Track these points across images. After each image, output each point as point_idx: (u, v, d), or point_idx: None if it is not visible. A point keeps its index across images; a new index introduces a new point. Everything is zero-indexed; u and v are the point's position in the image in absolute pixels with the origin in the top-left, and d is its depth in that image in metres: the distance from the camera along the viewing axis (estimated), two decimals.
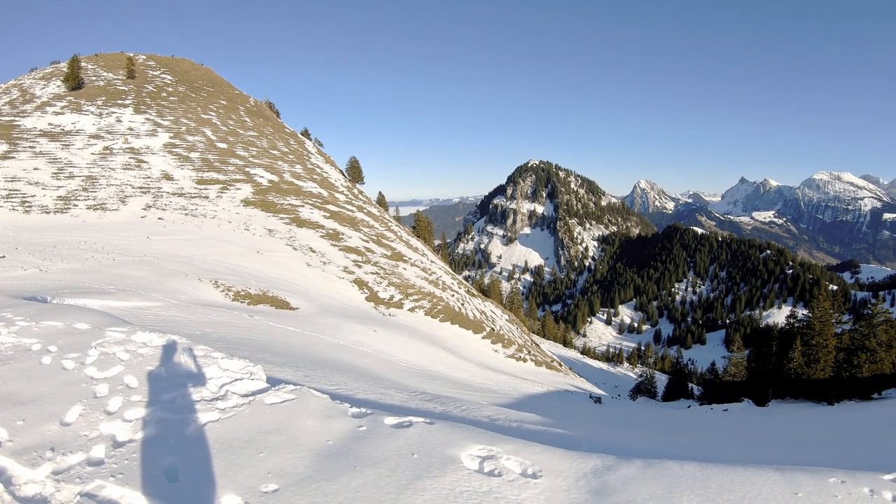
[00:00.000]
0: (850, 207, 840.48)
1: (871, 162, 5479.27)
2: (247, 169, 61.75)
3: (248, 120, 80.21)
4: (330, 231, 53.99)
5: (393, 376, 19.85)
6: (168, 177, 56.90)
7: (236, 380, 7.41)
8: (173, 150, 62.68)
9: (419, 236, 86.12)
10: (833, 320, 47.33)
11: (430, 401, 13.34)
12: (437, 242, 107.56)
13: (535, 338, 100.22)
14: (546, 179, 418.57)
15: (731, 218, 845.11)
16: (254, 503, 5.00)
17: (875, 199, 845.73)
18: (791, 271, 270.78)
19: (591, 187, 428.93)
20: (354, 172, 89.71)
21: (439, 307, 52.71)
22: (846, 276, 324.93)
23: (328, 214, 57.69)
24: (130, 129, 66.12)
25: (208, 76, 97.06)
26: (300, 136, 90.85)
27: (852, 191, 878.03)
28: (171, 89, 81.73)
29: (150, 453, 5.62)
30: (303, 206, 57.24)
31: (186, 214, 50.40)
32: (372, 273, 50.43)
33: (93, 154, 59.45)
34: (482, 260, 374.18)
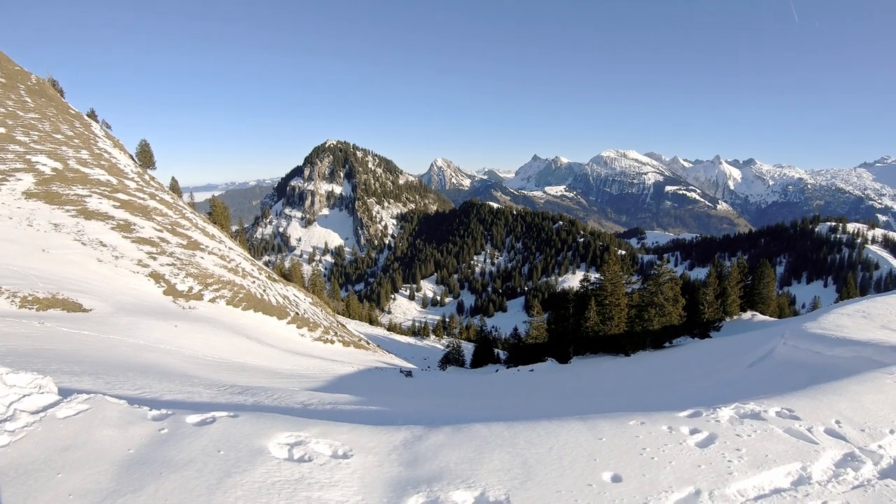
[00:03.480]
0: (635, 181, 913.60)
1: (655, 141, 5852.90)
2: (28, 156, 57.01)
3: (30, 100, 74.11)
4: (121, 222, 51.09)
5: (200, 372, 19.12)
6: None
7: (25, 396, 6.58)
8: None
9: (216, 223, 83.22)
10: (623, 281, 50.09)
11: (240, 393, 12.97)
12: (234, 228, 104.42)
13: (341, 318, 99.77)
14: (344, 160, 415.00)
15: (525, 193, 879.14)
16: None
17: (658, 173, 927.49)
18: (582, 239, 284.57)
19: (389, 166, 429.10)
20: (145, 157, 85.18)
21: (241, 295, 51.29)
22: (633, 241, 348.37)
23: (118, 204, 54.53)
24: None
25: None
26: (86, 117, 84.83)
27: (637, 166, 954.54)
28: None
29: None
30: (90, 195, 53.77)
31: None
32: (168, 265, 48.24)
33: None
34: (282, 244, 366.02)
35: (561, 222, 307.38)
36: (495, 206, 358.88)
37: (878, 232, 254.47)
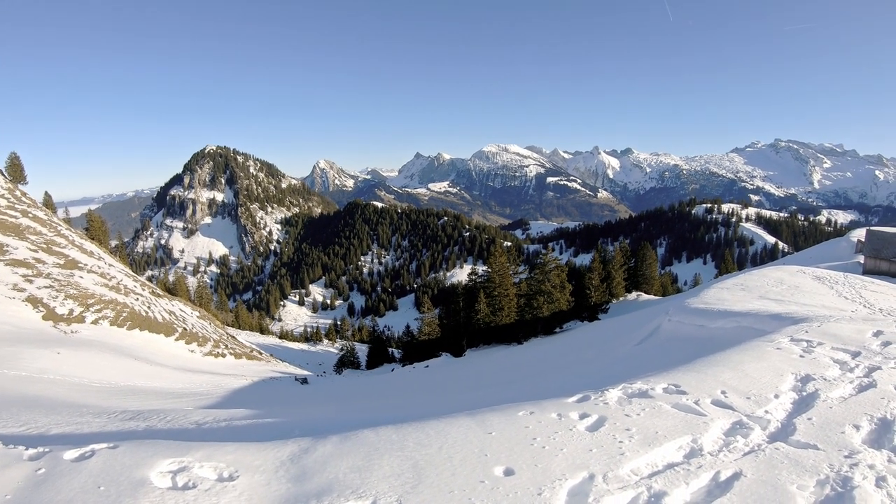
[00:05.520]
0: (517, 174, 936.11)
1: (535, 134, 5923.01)
2: None
3: None
4: None
5: (89, 400, 18.28)
6: None
7: None
8: None
9: (94, 238, 79.99)
10: (511, 272, 50.80)
11: (131, 419, 12.41)
12: (114, 243, 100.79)
13: (231, 330, 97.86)
14: (224, 165, 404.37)
15: (409, 190, 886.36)
16: None
17: (539, 165, 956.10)
18: (468, 234, 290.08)
19: (271, 170, 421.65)
20: (15, 171, 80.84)
21: (125, 314, 49.58)
22: (518, 233, 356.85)
23: None
24: None
25: None
26: None
27: (519, 160, 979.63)
28: None
29: None
30: None
31: None
32: (46, 287, 46.17)
33: None
34: (164, 256, 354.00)
35: (446, 218, 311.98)
36: (380, 205, 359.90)
37: (752, 211, 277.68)
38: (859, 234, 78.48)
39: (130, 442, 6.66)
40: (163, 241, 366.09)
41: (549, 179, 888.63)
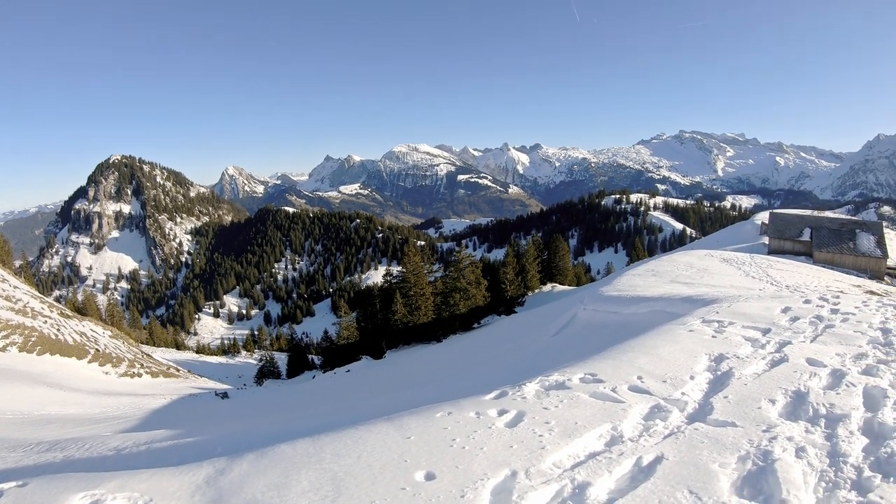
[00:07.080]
0: (428, 173, 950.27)
1: (445, 132, 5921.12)
2: None
3: None
4: None
5: (2, 433, 17.59)
6: None
7: None
8: None
9: None
10: (426, 271, 51.06)
11: (48, 450, 11.94)
12: (18, 263, 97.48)
13: (146, 348, 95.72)
14: (130, 175, 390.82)
15: (321, 194, 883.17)
16: None
17: (449, 164, 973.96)
18: (381, 235, 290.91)
19: (179, 179, 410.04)
20: None
21: (33, 339, 47.97)
22: (431, 231, 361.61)
23: None
24: None
25: None
26: None
27: (429, 159, 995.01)
28: None
29: None
30: None
31: None
32: None
33: None
34: (72, 275, 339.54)
35: (358, 220, 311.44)
36: (291, 210, 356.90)
37: (659, 199, 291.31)
38: (763, 216, 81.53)
39: (40, 478, 6.38)
40: (69, 259, 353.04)
41: (460, 177, 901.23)
